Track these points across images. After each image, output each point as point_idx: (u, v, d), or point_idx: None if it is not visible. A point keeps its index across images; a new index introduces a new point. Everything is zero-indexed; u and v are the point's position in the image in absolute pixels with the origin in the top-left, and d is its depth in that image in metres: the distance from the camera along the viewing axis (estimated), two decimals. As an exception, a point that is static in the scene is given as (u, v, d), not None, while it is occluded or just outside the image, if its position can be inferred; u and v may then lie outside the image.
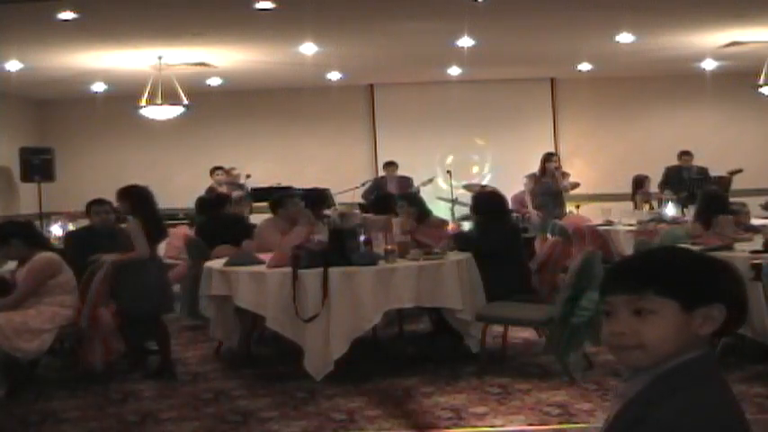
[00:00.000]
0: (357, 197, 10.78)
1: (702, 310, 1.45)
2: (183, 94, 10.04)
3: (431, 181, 11.24)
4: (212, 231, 7.32)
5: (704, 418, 1.37)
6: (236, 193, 9.82)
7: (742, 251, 5.40)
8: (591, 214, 9.69)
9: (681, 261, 1.50)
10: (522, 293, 5.81)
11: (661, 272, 1.47)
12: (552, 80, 12.93)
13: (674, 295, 1.44)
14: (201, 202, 8.69)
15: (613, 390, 1.56)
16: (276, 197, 7.01)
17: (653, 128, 12.72)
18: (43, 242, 5.47)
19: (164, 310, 5.96)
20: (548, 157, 9.95)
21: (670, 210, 8.39)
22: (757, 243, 5.56)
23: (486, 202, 6.56)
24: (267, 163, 12.39)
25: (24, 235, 5.30)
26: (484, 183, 11.72)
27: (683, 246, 5.20)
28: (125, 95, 10.62)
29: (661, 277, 1.46)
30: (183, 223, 10.19)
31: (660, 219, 8.20)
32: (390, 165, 11.33)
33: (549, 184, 9.79)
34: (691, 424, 1.36)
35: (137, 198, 5.85)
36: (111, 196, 6.94)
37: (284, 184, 10.81)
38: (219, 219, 7.68)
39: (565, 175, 10.17)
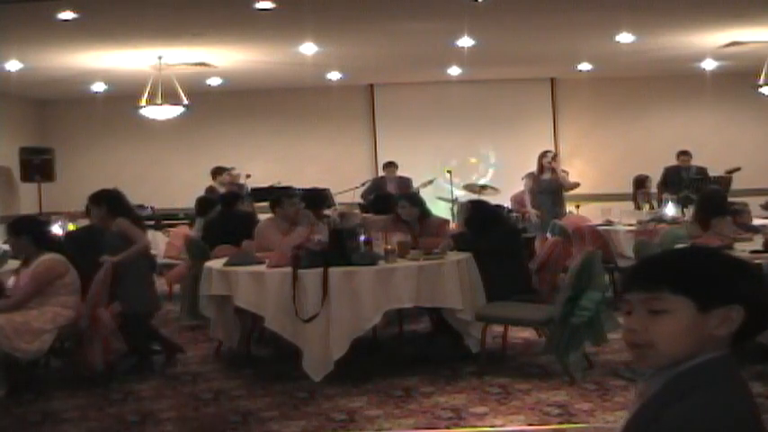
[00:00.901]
0: (357, 197, 10.78)
1: (719, 311, 1.42)
2: (183, 94, 10.04)
3: (431, 182, 11.25)
4: (222, 228, 7.30)
5: (714, 420, 1.35)
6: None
7: (742, 251, 5.40)
8: (591, 214, 9.69)
9: (698, 260, 1.49)
10: (521, 293, 5.81)
11: (677, 270, 1.46)
12: (552, 80, 12.93)
13: (690, 294, 1.42)
14: (205, 201, 8.70)
15: (635, 389, 1.55)
16: (275, 197, 7.01)
17: (653, 128, 12.73)
18: (52, 243, 5.44)
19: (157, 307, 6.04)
20: (543, 155, 9.92)
21: (670, 210, 8.39)
22: (757, 243, 5.57)
23: (478, 213, 6.48)
24: (267, 163, 12.39)
25: (35, 233, 5.31)
26: (484, 183, 11.72)
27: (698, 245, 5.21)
28: (125, 95, 10.62)
29: (676, 276, 1.44)
30: (183, 223, 10.19)
31: (660, 219, 8.20)
32: (390, 165, 11.32)
33: (547, 182, 9.78)
34: (701, 425, 1.34)
35: (111, 202, 5.86)
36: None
37: (284, 183, 10.82)
38: (232, 215, 7.67)
39: (564, 172, 10.17)
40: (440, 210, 10.14)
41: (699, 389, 1.40)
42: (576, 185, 10.24)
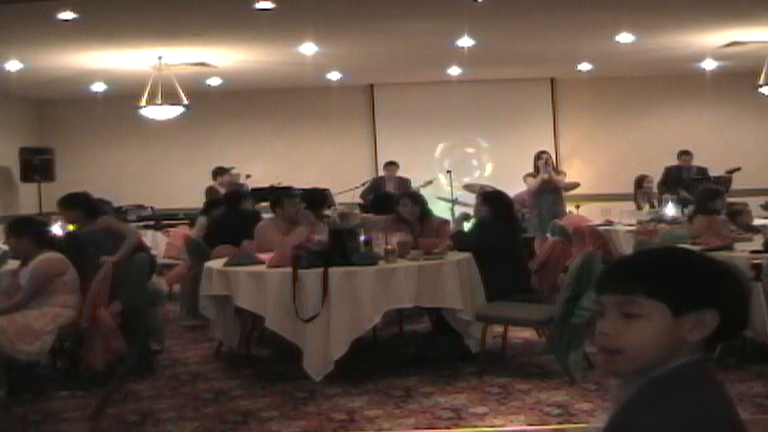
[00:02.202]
0: (357, 197, 10.79)
1: (693, 315, 1.39)
2: (182, 94, 10.04)
3: (430, 182, 11.24)
4: (225, 227, 7.30)
5: (690, 425, 1.32)
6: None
7: (742, 251, 5.40)
8: (591, 214, 9.68)
9: (674, 263, 1.45)
10: (521, 293, 5.80)
11: (652, 273, 1.42)
12: (552, 80, 12.93)
13: (664, 298, 1.39)
14: (212, 201, 8.74)
15: (611, 392, 1.51)
16: (276, 197, 7.01)
17: (653, 128, 12.73)
18: (52, 243, 5.43)
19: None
20: (538, 155, 9.85)
21: (670, 210, 8.39)
22: (757, 243, 5.56)
23: (496, 202, 6.50)
24: (267, 163, 12.40)
25: (36, 234, 5.30)
26: (484, 183, 11.71)
27: (683, 246, 5.21)
28: (125, 95, 10.62)
29: (652, 279, 1.40)
30: (183, 223, 10.20)
31: (660, 219, 8.20)
32: (391, 165, 11.31)
33: (546, 182, 9.73)
34: (678, 429, 1.32)
35: (85, 205, 5.85)
36: (111, 196, 6.97)
37: (284, 183, 10.82)
38: (236, 214, 7.67)
39: (560, 173, 10.13)
40: (440, 210, 10.14)
41: (674, 393, 1.37)
42: (576, 185, 10.21)
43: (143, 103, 10.02)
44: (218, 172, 10.73)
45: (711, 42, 9.64)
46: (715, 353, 5.13)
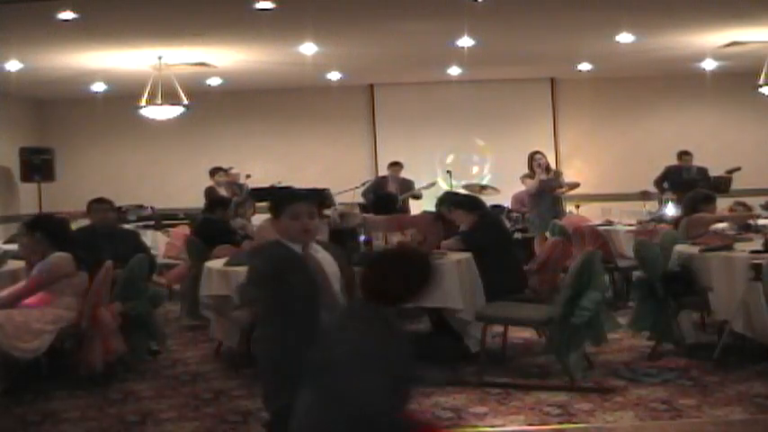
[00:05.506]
0: (357, 197, 10.78)
1: None
2: (182, 94, 10.04)
3: (433, 185, 11.22)
4: (198, 234, 7.39)
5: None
6: (236, 198, 9.80)
7: (742, 251, 5.40)
8: (591, 214, 9.68)
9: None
10: (516, 293, 5.79)
11: None
12: (552, 80, 12.94)
13: None
14: (215, 198, 8.81)
15: None
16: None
17: (653, 128, 12.73)
18: (66, 243, 5.29)
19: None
20: (532, 157, 9.76)
21: (670, 210, 8.39)
22: (757, 243, 5.56)
23: (470, 202, 6.49)
24: (267, 163, 12.39)
25: (50, 231, 5.20)
26: (483, 183, 11.72)
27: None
28: (125, 95, 10.62)
29: None
30: (183, 223, 10.20)
31: (660, 219, 8.20)
32: (396, 165, 11.27)
33: (545, 182, 9.70)
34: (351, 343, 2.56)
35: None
36: (111, 196, 6.97)
37: (284, 183, 10.81)
38: (209, 222, 7.69)
39: (558, 174, 10.09)
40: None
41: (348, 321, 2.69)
42: (576, 186, 10.17)
43: (143, 103, 10.02)
44: (214, 172, 10.71)
45: (711, 42, 9.65)
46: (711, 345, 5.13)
